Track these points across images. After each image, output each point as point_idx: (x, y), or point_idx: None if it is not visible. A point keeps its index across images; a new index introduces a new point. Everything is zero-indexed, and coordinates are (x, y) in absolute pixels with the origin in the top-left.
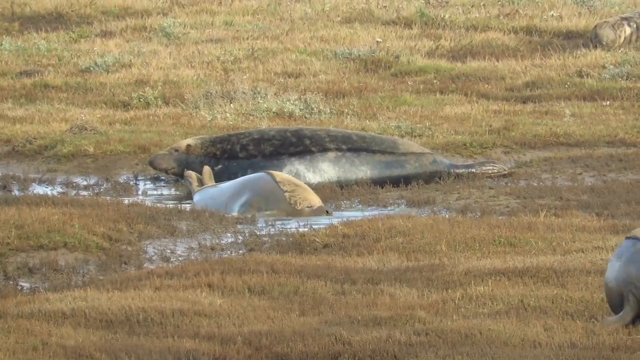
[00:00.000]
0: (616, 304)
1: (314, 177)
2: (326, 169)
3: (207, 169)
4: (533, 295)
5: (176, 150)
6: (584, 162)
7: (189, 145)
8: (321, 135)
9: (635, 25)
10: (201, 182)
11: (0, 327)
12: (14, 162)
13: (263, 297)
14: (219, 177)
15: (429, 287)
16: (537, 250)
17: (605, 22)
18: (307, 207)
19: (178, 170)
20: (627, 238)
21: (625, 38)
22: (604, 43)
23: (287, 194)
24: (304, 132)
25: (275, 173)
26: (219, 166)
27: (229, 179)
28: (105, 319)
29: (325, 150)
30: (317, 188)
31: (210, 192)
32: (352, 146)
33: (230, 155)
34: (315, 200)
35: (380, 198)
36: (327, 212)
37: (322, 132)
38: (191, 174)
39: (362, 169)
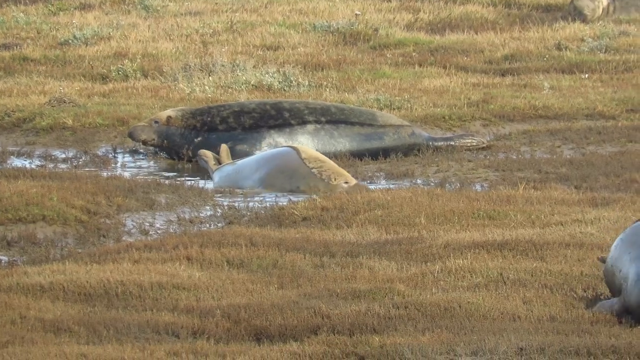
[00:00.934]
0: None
1: None
2: (305, 142)
3: (224, 147)
4: (512, 269)
5: (156, 122)
6: (563, 134)
7: (169, 117)
8: (300, 107)
9: None
10: (218, 161)
11: None
12: None
13: (242, 270)
14: (199, 149)
15: (408, 260)
16: (516, 223)
17: (584, 5)
18: (344, 182)
19: (158, 141)
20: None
21: (603, 9)
22: (585, 13)
23: (314, 170)
24: (283, 105)
25: (301, 148)
26: (199, 138)
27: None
28: (84, 292)
29: (304, 122)
30: None
31: (230, 169)
32: (331, 118)
33: (210, 127)
34: (350, 176)
35: (359, 171)
36: None
37: (301, 104)
38: (206, 153)
39: (341, 141)
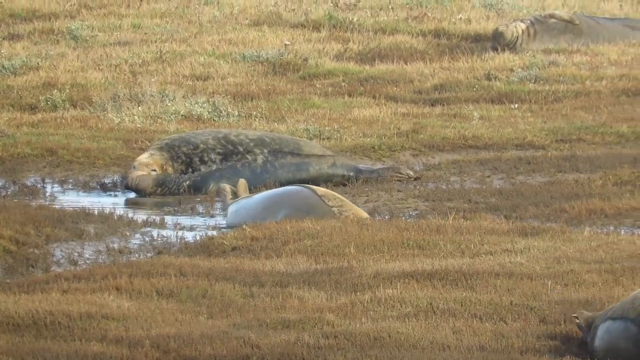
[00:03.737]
0: None
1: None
2: (258, 175)
3: (242, 181)
4: (442, 298)
5: (153, 170)
6: (493, 164)
7: (162, 165)
8: (244, 140)
9: (529, 21)
10: (235, 195)
11: None
12: None
13: (171, 300)
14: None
15: (338, 290)
16: (445, 252)
17: (499, 25)
18: None
19: (160, 190)
20: None
21: (523, 31)
22: (507, 37)
23: (335, 209)
24: (231, 138)
25: (313, 187)
26: (187, 182)
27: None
28: (12, 323)
29: (255, 155)
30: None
31: (244, 203)
32: (270, 149)
33: (194, 168)
34: (367, 216)
35: None
36: None
37: (242, 135)
38: (225, 187)
39: (281, 173)
